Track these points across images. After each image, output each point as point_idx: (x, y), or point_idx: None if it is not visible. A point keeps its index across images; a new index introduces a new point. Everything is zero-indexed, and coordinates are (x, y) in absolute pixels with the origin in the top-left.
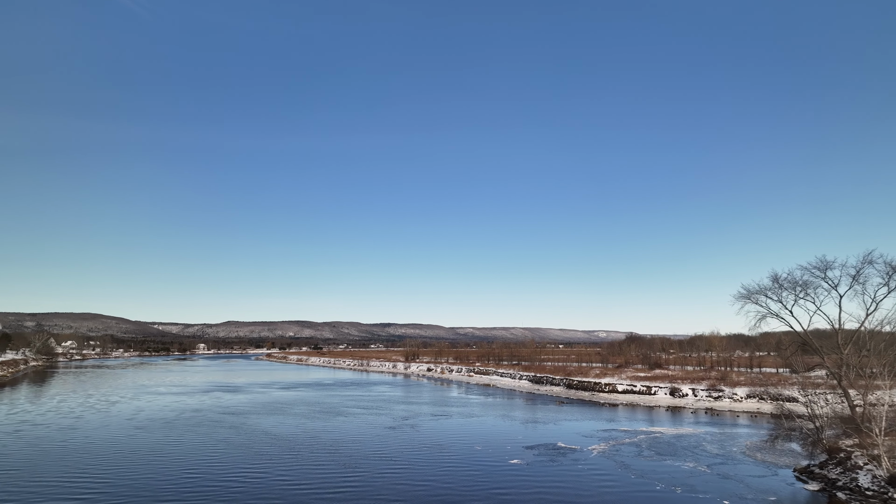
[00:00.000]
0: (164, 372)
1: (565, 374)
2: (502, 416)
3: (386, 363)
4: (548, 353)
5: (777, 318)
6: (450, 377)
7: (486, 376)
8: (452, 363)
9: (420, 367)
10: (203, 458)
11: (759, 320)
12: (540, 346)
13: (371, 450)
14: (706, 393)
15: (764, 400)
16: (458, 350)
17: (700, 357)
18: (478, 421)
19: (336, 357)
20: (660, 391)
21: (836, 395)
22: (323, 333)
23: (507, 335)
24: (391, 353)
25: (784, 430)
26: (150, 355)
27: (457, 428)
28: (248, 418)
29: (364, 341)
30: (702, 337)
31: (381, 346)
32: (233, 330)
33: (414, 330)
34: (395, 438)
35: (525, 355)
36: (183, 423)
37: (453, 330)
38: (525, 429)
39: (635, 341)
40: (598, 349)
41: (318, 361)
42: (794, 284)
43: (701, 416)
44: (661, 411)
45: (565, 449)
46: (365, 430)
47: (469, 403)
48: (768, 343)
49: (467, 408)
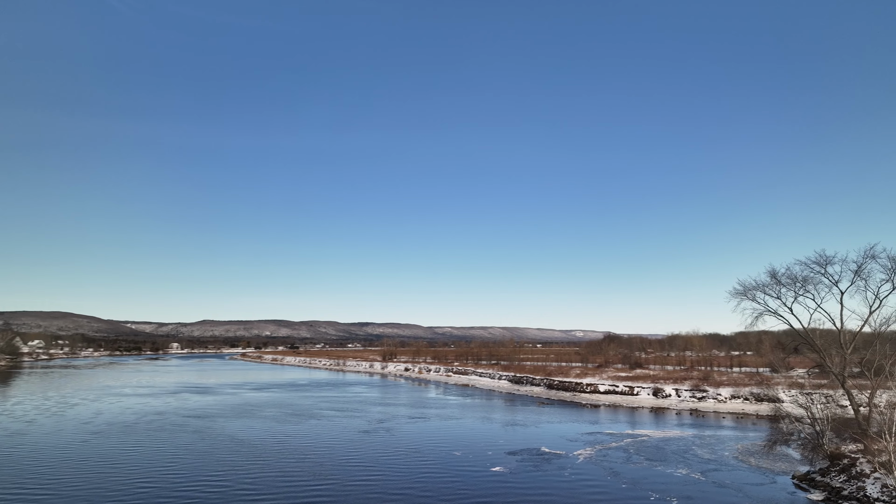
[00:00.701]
0: (132, 372)
1: (545, 375)
2: (482, 419)
3: (363, 363)
4: (527, 353)
5: (775, 315)
6: (428, 377)
7: (464, 376)
8: (430, 363)
9: (397, 366)
10: (159, 467)
11: (755, 318)
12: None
13: (343, 456)
14: (690, 393)
15: (748, 401)
16: (437, 349)
17: (680, 356)
18: (457, 424)
19: (312, 356)
20: (642, 392)
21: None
22: (300, 333)
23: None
24: (368, 352)
25: (782, 435)
26: (121, 355)
27: (435, 431)
28: (213, 422)
29: (342, 340)
30: (679, 336)
31: (359, 345)
32: (208, 329)
33: (392, 329)
34: (369, 443)
35: (504, 355)
36: (143, 427)
37: (431, 329)
38: (506, 432)
39: (613, 341)
40: (576, 349)
41: (294, 361)
42: (794, 280)
43: (685, 417)
44: (644, 412)
45: (550, 454)
46: (337, 434)
47: (447, 405)
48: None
49: (446, 409)
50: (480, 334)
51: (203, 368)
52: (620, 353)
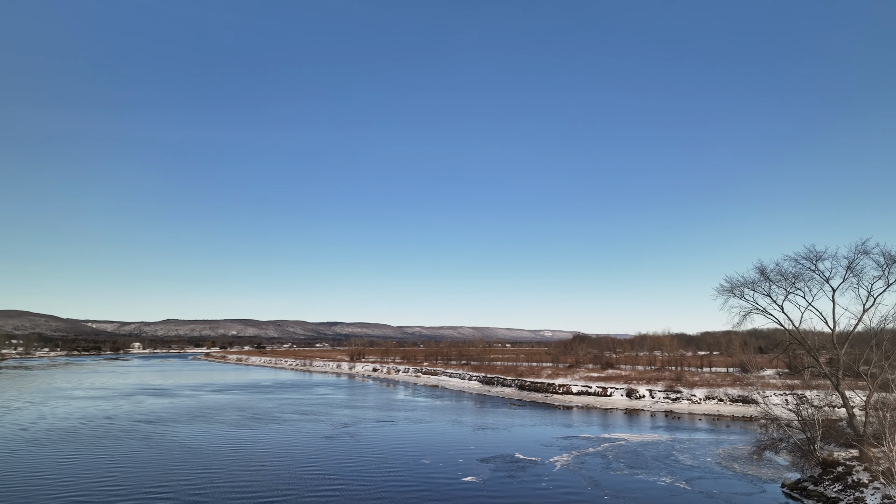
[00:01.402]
0: (88, 373)
1: (517, 375)
2: (452, 422)
3: (330, 363)
4: (497, 353)
5: (764, 314)
6: (396, 378)
7: (434, 377)
8: (399, 363)
9: (365, 367)
10: (95, 480)
11: (743, 317)
12: (489, 346)
13: (302, 465)
14: (664, 394)
15: (723, 402)
16: (406, 349)
17: (651, 356)
18: (426, 428)
19: (278, 356)
20: (616, 392)
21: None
22: (267, 332)
23: (454, 334)
24: (336, 352)
25: (770, 440)
26: (79, 355)
27: (402, 436)
28: (165, 427)
29: (310, 340)
30: (647, 336)
31: (328, 345)
32: (172, 328)
33: (361, 329)
34: (332, 450)
35: (474, 355)
36: (87, 433)
37: (401, 329)
38: (478, 437)
39: (583, 341)
40: (546, 348)
41: (259, 361)
42: (784, 277)
43: (661, 419)
44: (618, 414)
45: (525, 462)
46: (298, 440)
47: (416, 407)
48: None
49: (414, 412)
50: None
51: (163, 369)
52: (591, 352)
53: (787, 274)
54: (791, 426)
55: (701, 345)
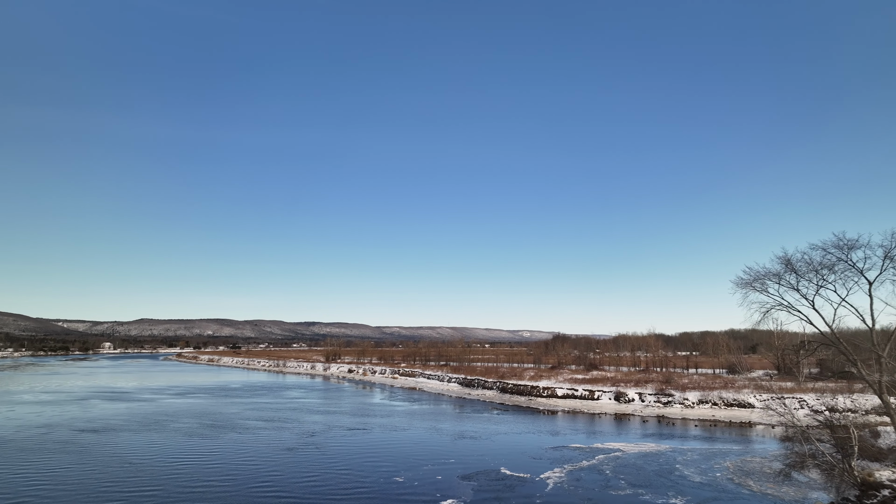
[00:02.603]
0: (47, 374)
1: (498, 377)
2: (430, 430)
3: (304, 364)
4: (476, 353)
5: (791, 311)
6: (372, 379)
7: (411, 378)
8: (376, 364)
9: (341, 368)
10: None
11: (764, 313)
12: (468, 346)
13: (257, 484)
14: (654, 398)
15: (717, 406)
16: (383, 350)
17: (635, 357)
18: (401, 437)
19: (252, 357)
20: (603, 396)
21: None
22: (244, 332)
23: (433, 334)
24: (312, 352)
25: (798, 457)
26: (45, 355)
27: (375, 448)
28: (110, 437)
29: (287, 340)
30: (627, 337)
31: (305, 345)
32: (146, 328)
33: (339, 329)
34: (293, 465)
35: (453, 355)
36: (17, 445)
37: (380, 329)
38: (458, 447)
39: (563, 341)
40: (526, 349)
41: (231, 362)
42: (817, 268)
43: (653, 425)
44: (607, 420)
45: (512, 479)
46: (256, 452)
47: (392, 412)
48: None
49: (390, 418)
50: (429, 334)
51: (130, 370)
52: (574, 353)
53: (820, 265)
54: (822, 439)
55: (679, 345)
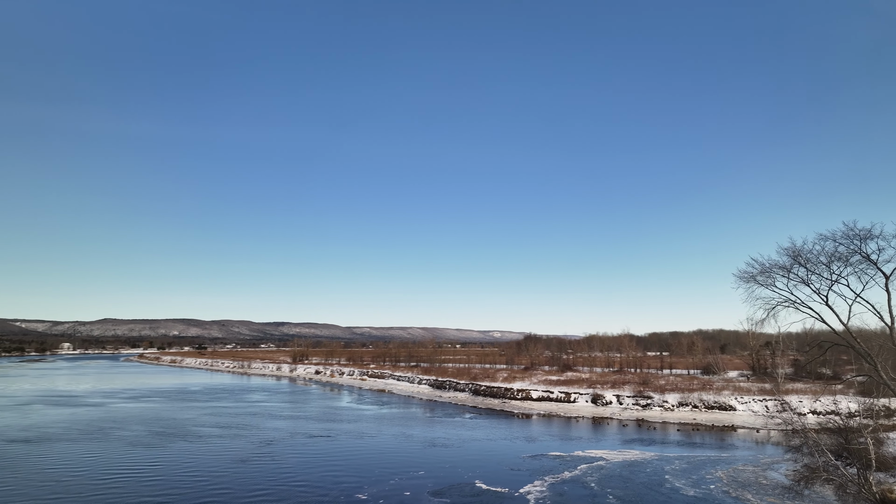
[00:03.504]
0: None
1: (470, 378)
2: (399, 437)
3: (270, 365)
4: (447, 354)
5: (801, 307)
6: (340, 381)
7: (380, 380)
8: (345, 364)
9: (308, 369)
10: None
11: (769, 311)
12: (439, 346)
13: (200, 502)
14: (633, 400)
15: (698, 408)
16: (352, 350)
17: (609, 357)
18: (367, 445)
19: (216, 358)
20: (580, 398)
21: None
22: (211, 332)
23: (404, 335)
24: (279, 353)
25: (808, 471)
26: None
27: (337, 457)
28: (43, 447)
29: (255, 340)
30: (596, 337)
31: (273, 345)
32: (109, 328)
33: (309, 329)
34: (243, 479)
35: (424, 356)
36: None
37: (350, 329)
38: (429, 457)
39: (534, 341)
40: (498, 349)
41: (194, 363)
42: (830, 260)
43: (633, 429)
44: (585, 424)
45: (488, 494)
46: (205, 464)
47: (359, 417)
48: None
49: (356, 424)
50: (400, 335)
51: (86, 372)
52: (547, 354)
53: (833, 256)
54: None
55: (649, 346)
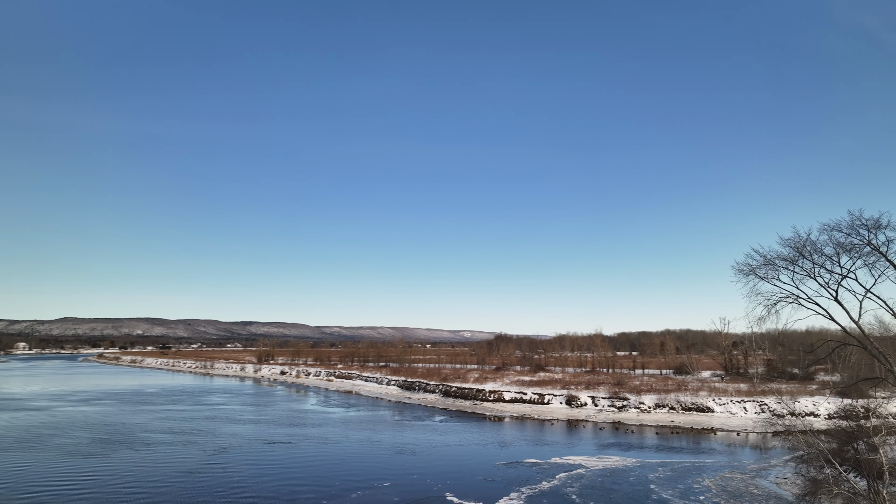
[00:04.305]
0: None
1: (441, 379)
2: (365, 443)
3: (234, 365)
4: (417, 354)
5: (806, 303)
6: (306, 382)
7: (347, 381)
8: (311, 365)
9: (273, 369)
10: None
11: (770, 307)
12: (409, 346)
13: None
14: (608, 402)
15: (675, 410)
16: (319, 350)
17: (582, 357)
18: (330, 452)
19: (179, 358)
20: (554, 400)
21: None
22: (176, 332)
23: (374, 335)
24: (245, 353)
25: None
26: None
27: (296, 467)
28: None
29: (222, 340)
30: (567, 337)
31: (240, 345)
32: (70, 327)
33: (277, 329)
34: (188, 494)
35: (393, 356)
36: None
37: (319, 329)
38: (396, 465)
39: (506, 341)
40: (469, 349)
41: (155, 363)
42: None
43: (610, 432)
44: (560, 427)
45: None
46: (148, 475)
47: (323, 420)
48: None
49: (320, 428)
50: (370, 334)
51: (37, 373)
52: (518, 353)
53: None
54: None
55: (619, 345)
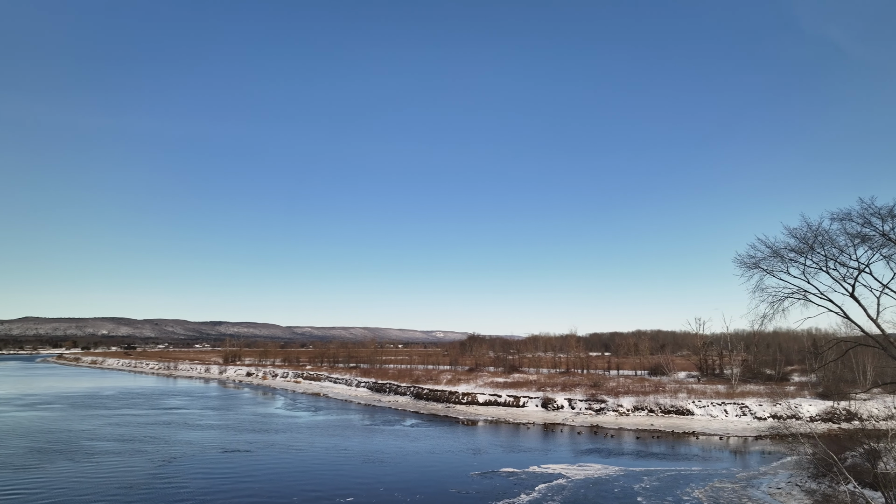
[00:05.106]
0: None
1: (412, 381)
2: (330, 450)
3: (199, 366)
4: (389, 354)
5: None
6: (273, 384)
7: (316, 382)
8: (279, 366)
9: (239, 370)
10: None
11: (775, 304)
12: (381, 347)
13: None
14: (585, 404)
15: (654, 413)
16: (288, 350)
17: (556, 358)
18: (291, 462)
19: (142, 358)
20: (530, 402)
21: None
22: (143, 332)
23: (346, 335)
24: (212, 353)
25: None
26: None
27: (252, 480)
28: None
29: (190, 340)
30: (539, 337)
31: (208, 345)
32: (31, 327)
33: (248, 329)
34: None
35: (364, 356)
36: None
37: (290, 329)
38: (362, 476)
39: (479, 341)
40: (441, 349)
41: (117, 364)
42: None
43: (588, 437)
44: (537, 432)
45: None
46: (84, 490)
47: (288, 426)
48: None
49: (283, 434)
50: (342, 334)
51: None
52: (491, 354)
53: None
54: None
55: (591, 346)
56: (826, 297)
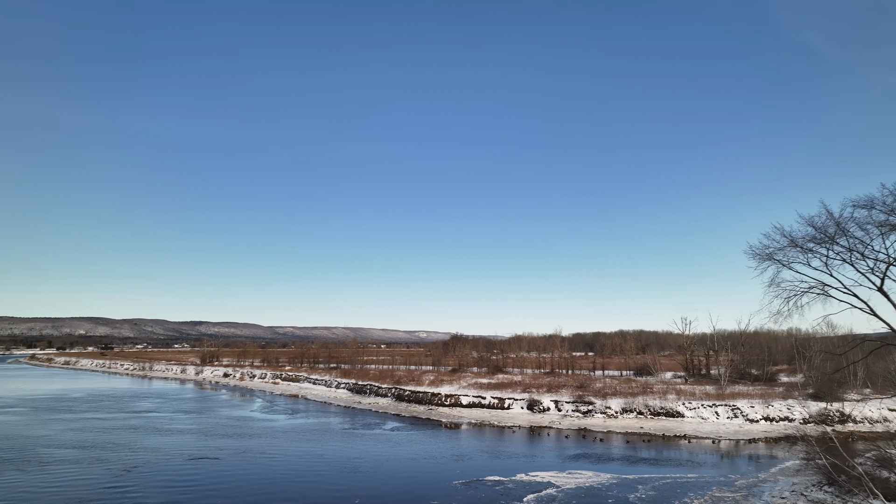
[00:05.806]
0: None
1: (394, 382)
2: (305, 457)
3: (175, 366)
4: (371, 354)
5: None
6: (251, 385)
7: (295, 384)
8: (258, 366)
9: (216, 371)
10: None
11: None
12: (362, 347)
13: None
14: (572, 406)
15: (643, 415)
16: (267, 350)
17: (540, 359)
18: (261, 470)
19: (118, 359)
20: (515, 404)
21: None
22: (122, 332)
23: (328, 335)
24: (190, 353)
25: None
26: None
27: (217, 491)
28: None
29: (169, 340)
30: (525, 337)
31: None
32: (5, 327)
33: (229, 329)
34: None
35: (345, 357)
36: None
37: (272, 329)
38: (337, 488)
39: (462, 341)
40: (424, 349)
41: (91, 365)
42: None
43: (576, 441)
44: (523, 435)
45: None
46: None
47: (263, 430)
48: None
49: (257, 439)
50: (324, 335)
51: None
52: (476, 354)
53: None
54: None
55: (574, 346)
56: (850, 292)
